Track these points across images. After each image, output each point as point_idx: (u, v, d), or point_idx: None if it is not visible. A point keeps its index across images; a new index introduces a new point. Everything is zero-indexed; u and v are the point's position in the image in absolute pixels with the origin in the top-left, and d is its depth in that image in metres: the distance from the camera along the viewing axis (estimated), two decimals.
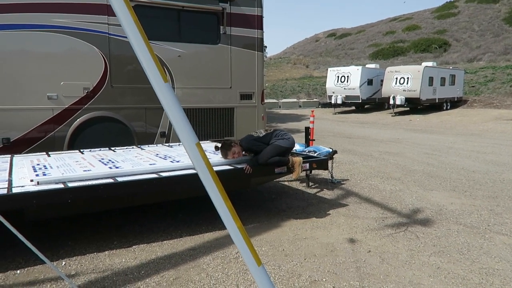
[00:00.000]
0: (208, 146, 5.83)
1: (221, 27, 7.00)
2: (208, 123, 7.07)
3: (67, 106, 5.90)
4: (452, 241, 4.06)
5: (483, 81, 26.28)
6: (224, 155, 4.49)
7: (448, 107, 23.04)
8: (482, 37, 49.35)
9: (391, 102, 22.32)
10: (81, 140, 6.00)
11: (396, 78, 22.40)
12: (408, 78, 21.88)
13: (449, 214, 4.97)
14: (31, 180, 3.49)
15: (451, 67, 27.20)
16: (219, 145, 4.65)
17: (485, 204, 5.39)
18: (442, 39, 49.92)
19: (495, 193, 5.95)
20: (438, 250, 3.83)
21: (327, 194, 5.87)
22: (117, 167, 4.05)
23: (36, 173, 3.78)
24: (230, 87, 7.21)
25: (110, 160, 4.46)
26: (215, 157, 4.73)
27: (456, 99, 23.74)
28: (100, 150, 5.39)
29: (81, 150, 5.32)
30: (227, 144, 4.51)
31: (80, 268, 3.38)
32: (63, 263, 3.46)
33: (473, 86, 25.96)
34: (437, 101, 22.56)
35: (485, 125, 17.28)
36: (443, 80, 22.79)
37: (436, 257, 3.67)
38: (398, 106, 22.39)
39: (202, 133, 6.97)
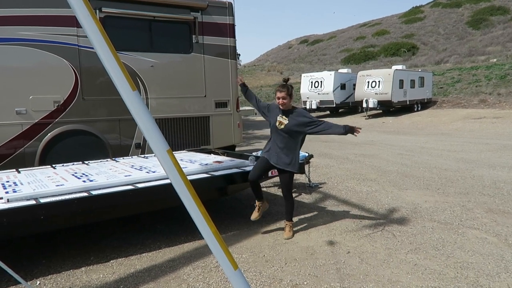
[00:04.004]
0: (185, 155, 5.80)
1: (193, 36, 7.01)
2: (184, 132, 7.04)
3: (37, 121, 5.75)
4: (428, 238, 4.17)
5: (451, 82, 27.18)
6: (288, 93, 4.08)
7: (419, 109, 23.69)
8: (448, 40, 51.18)
9: (364, 105, 22.79)
10: (53, 155, 5.86)
11: (368, 82, 22.90)
12: (379, 81, 22.40)
13: (424, 211, 5.10)
14: (1, 198, 3.37)
15: (419, 70, 28.02)
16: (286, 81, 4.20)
17: (457, 201, 5.56)
18: (410, 43, 51.46)
19: (466, 190, 6.15)
20: (414, 248, 3.92)
21: (305, 198, 5.92)
22: (91, 181, 3.97)
23: (6, 190, 3.66)
24: (205, 96, 7.21)
25: (83, 174, 4.37)
26: (192, 166, 4.71)
27: (426, 101, 24.44)
28: (73, 164, 5.27)
29: (53, 165, 5.19)
30: (290, 87, 4.13)
31: (56, 286, 3.27)
32: (38, 282, 3.35)
33: (441, 87, 26.81)
34: (408, 103, 23.17)
35: (454, 124, 17.87)
36: (412, 83, 23.45)
37: (413, 254, 3.75)
38: (371, 109, 22.88)
39: (178, 143, 6.93)
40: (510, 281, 3.18)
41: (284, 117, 4.11)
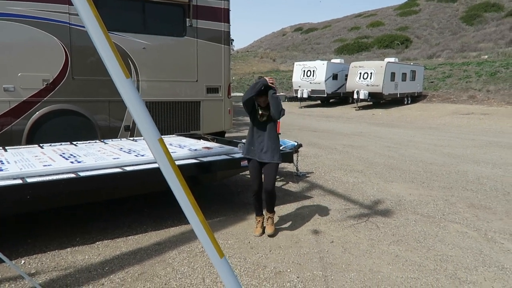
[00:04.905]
0: (174, 140, 5.79)
1: (187, 19, 6.93)
2: (174, 116, 7.01)
3: (25, 99, 5.67)
4: (410, 230, 4.26)
5: (442, 77, 27.39)
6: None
7: (409, 102, 23.89)
8: (441, 34, 51.39)
9: (355, 96, 22.88)
10: (41, 134, 5.80)
11: (360, 73, 22.95)
12: (371, 73, 22.47)
13: (408, 204, 5.20)
14: None
15: (412, 63, 28.16)
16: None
17: (440, 195, 5.67)
18: (404, 36, 51.55)
19: (450, 184, 6.27)
20: (396, 239, 4.01)
21: (292, 186, 5.98)
22: (79, 162, 3.95)
23: None
24: (196, 81, 7.16)
25: (71, 155, 4.34)
26: (181, 151, 4.71)
27: (416, 94, 24.65)
28: (61, 144, 5.22)
29: (41, 145, 5.14)
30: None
31: (40, 266, 3.28)
32: (23, 261, 3.35)
33: (432, 82, 27.01)
34: (398, 95, 23.33)
35: (443, 119, 18.09)
36: (404, 76, 23.58)
37: (395, 246, 3.84)
38: (362, 100, 22.98)
39: (168, 127, 6.90)
40: (487, 275, 3.28)
41: (264, 108, 3.95)
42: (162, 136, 5.28)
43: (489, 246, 3.87)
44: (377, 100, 23.21)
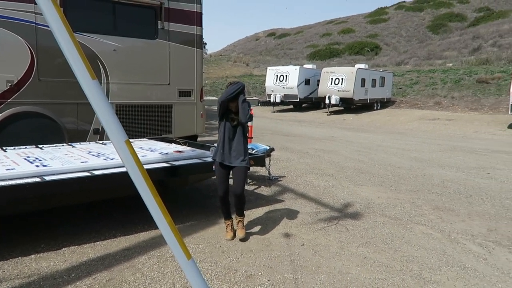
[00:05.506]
0: (145, 143, 5.71)
1: (159, 22, 6.87)
2: (146, 119, 6.92)
3: None
4: (378, 232, 4.37)
5: (409, 83, 28.28)
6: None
7: (378, 107, 24.51)
8: (409, 42, 53.12)
9: (327, 101, 23.25)
10: (4, 137, 5.58)
11: (332, 79, 23.37)
12: (342, 79, 22.92)
13: (376, 207, 5.33)
14: None
15: (381, 70, 28.93)
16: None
17: (407, 198, 5.85)
18: (374, 43, 52.96)
19: (416, 187, 6.48)
20: (365, 241, 4.10)
21: (264, 190, 6.01)
22: (44, 166, 3.83)
23: None
24: (168, 84, 7.10)
25: (37, 158, 4.20)
26: (152, 155, 4.65)
27: (385, 100, 25.32)
28: (25, 147, 5.04)
29: (4, 148, 4.95)
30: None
31: (2, 274, 3.15)
32: None
33: (400, 88, 27.84)
34: (368, 101, 23.90)
35: (410, 124, 18.65)
36: (374, 82, 24.19)
37: (363, 248, 3.92)
38: (333, 105, 23.39)
39: (139, 130, 6.80)
40: (449, 274, 3.41)
41: (236, 112, 3.92)
42: (133, 140, 5.21)
43: (452, 247, 4.02)
44: (348, 106, 23.68)
